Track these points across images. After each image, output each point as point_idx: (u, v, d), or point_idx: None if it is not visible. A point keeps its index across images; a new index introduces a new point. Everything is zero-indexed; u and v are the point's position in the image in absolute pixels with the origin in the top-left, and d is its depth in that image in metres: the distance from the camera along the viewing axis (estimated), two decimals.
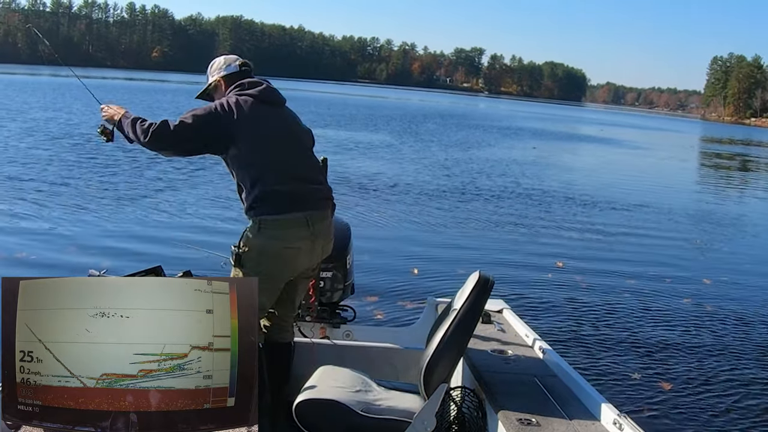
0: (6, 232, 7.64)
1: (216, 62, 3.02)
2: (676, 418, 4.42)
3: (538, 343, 3.08)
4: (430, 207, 11.37)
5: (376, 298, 6.20)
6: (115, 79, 58.96)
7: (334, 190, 3.04)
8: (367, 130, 27.32)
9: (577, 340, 5.64)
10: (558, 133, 37.51)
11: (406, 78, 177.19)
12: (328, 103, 47.11)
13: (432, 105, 64.86)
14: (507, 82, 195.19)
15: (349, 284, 3.66)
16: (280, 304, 2.99)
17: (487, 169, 17.20)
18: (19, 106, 24.94)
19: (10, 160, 12.68)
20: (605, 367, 5.13)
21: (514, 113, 62.51)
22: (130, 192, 10.54)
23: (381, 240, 8.66)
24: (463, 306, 2.47)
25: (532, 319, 6.00)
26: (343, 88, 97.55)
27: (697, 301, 7.09)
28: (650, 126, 68.73)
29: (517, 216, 11.25)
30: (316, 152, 3.09)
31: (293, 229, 2.76)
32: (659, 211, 13.09)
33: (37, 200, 9.35)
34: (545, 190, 14.31)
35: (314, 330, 3.49)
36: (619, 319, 6.34)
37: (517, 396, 2.50)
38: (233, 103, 2.79)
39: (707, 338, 6.00)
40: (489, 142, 26.76)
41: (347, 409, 2.45)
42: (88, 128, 17.94)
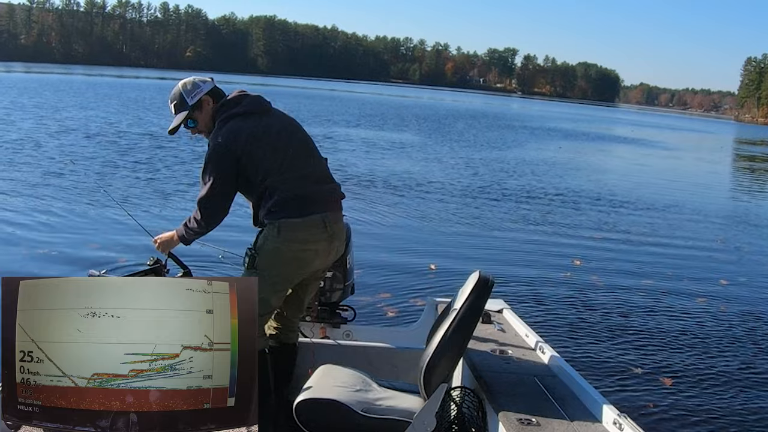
0: (57, 229, 7.80)
1: (187, 85, 2.91)
2: (676, 418, 4.42)
3: (538, 343, 3.08)
4: (449, 205, 11.48)
5: (388, 294, 6.25)
6: (149, 79, 59.00)
7: (357, 189, 3.03)
8: (398, 129, 27.43)
9: (578, 340, 5.64)
10: (588, 134, 37.28)
11: (440, 78, 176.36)
12: (361, 103, 47.21)
13: (465, 105, 64.39)
14: (540, 82, 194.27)
15: (349, 284, 3.66)
16: (290, 305, 2.99)
17: (511, 169, 17.21)
18: (54, 104, 25.52)
19: (48, 157, 12.95)
20: (606, 366, 5.13)
21: (547, 114, 62.18)
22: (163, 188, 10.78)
23: (397, 238, 8.76)
24: (463, 306, 2.47)
25: (545, 319, 6.03)
26: (377, 88, 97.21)
27: (710, 303, 7.07)
28: (682, 127, 68.29)
29: (535, 214, 11.32)
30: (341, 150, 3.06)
31: (312, 231, 2.77)
32: (682, 212, 13.04)
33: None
34: (567, 190, 14.32)
35: (314, 330, 3.49)
36: (626, 319, 6.33)
37: (517, 396, 2.50)
38: (228, 136, 2.76)
39: (713, 337, 6.00)
40: (518, 142, 26.62)
41: (347, 409, 2.45)
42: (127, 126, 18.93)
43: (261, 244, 2.77)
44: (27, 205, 8.98)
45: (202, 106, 2.88)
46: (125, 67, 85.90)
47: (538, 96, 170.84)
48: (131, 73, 55.52)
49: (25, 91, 32.19)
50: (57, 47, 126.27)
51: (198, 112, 2.89)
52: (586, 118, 61.00)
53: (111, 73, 56.05)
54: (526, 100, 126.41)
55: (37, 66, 72.90)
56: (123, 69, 77.36)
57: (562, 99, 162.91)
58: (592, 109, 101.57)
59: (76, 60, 22.98)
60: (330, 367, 2.77)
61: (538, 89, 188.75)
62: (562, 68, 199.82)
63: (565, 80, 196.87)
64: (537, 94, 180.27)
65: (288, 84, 74.69)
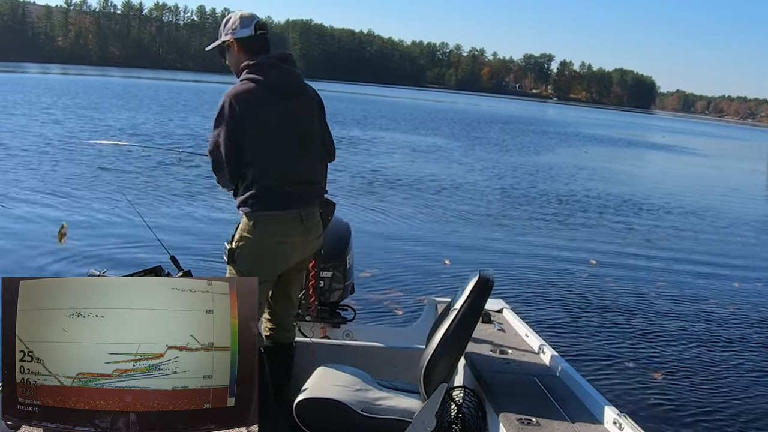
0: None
1: (231, 19, 2.83)
2: (676, 418, 4.42)
3: (538, 342, 3.08)
4: (468, 206, 11.62)
5: (389, 294, 6.27)
6: (185, 81, 59.10)
7: (381, 191, 3.02)
8: (432, 134, 27.64)
9: (578, 339, 5.65)
10: (618, 140, 37.22)
11: (475, 83, 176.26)
12: (397, 107, 47.59)
13: (500, 111, 64.30)
14: (576, 88, 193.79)
15: (348, 284, 3.66)
16: (277, 300, 2.98)
17: (538, 172, 17.34)
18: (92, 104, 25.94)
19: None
20: (606, 366, 5.13)
21: (582, 120, 62.07)
22: None
23: (412, 238, 8.82)
24: (463, 306, 2.46)
25: (545, 318, 6.03)
26: (413, 93, 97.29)
27: (722, 304, 7.06)
28: (717, 134, 67.73)
29: (552, 216, 11.44)
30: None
31: (288, 225, 2.77)
32: (703, 217, 13.03)
33: None
34: (583, 193, 14.41)
35: (314, 330, 3.49)
36: (629, 320, 6.34)
37: (517, 396, 2.49)
38: (238, 103, 2.69)
39: (713, 341, 5.98)
40: (548, 147, 26.66)
41: (347, 409, 2.45)
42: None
43: (239, 238, 2.76)
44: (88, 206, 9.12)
45: (230, 47, 2.82)
46: (161, 70, 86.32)
47: (574, 102, 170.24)
48: (167, 76, 55.88)
49: (66, 92, 32.60)
50: (93, 49, 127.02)
51: (227, 51, 2.85)
52: (620, 125, 60.77)
53: (148, 75, 56.34)
54: (562, 106, 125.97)
55: (74, 68, 73.21)
56: (159, 71, 77.71)
57: (597, 105, 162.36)
58: (627, 116, 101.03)
59: (112, 62, 23.23)
60: (330, 367, 2.77)
61: (573, 95, 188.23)
62: (598, 74, 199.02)
63: (601, 86, 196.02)
64: (573, 100, 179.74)
65: (324, 88, 73.48)
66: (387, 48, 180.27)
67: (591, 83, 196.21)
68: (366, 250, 7.46)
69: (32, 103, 24.93)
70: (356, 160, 16.16)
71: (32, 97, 27.87)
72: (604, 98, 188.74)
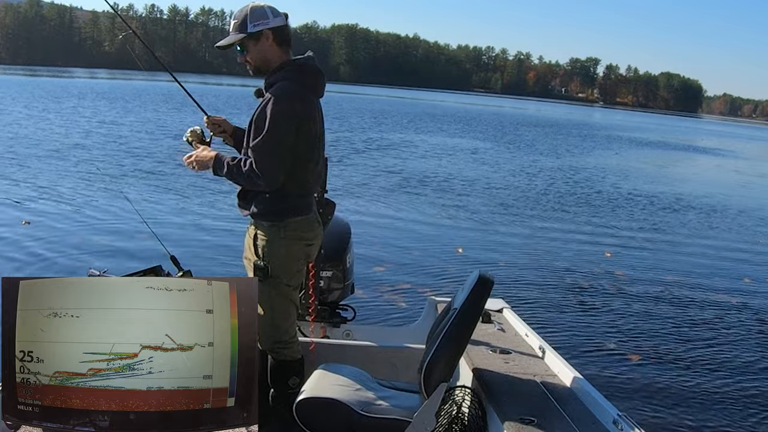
0: None
1: (255, 11, 2.60)
2: (676, 417, 4.42)
3: (538, 342, 3.08)
4: (478, 204, 11.72)
5: (400, 292, 6.28)
6: (231, 86, 59.18)
7: (406, 193, 3.01)
8: (477, 137, 27.69)
9: (578, 339, 5.64)
10: (660, 143, 36.90)
11: (521, 88, 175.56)
12: (443, 110, 47.51)
13: (547, 115, 64.06)
14: (622, 92, 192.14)
15: (348, 284, 3.66)
16: None
17: (565, 175, 17.32)
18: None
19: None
20: (606, 365, 5.13)
21: (627, 124, 61.51)
22: None
23: (412, 238, 8.84)
24: (463, 305, 2.46)
25: (546, 318, 6.02)
26: (459, 97, 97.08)
27: (735, 309, 7.00)
28: (762, 137, 66.58)
29: (562, 212, 11.56)
30: None
31: (313, 226, 2.80)
32: (726, 216, 12.96)
33: None
34: (607, 193, 14.45)
35: (314, 330, 3.49)
36: (632, 320, 6.32)
37: (517, 396, 2.49)
38: (303, 105, 2.59)
39: (715, 340, 5.97)
40: (586, 150, 26.55)
41: (347, 408, 2.45)
42: None
43: (269, 252, 2.65)
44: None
45: (260, 38, 2.61)
46: (207, 75, 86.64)
47: (620, 106, 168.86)
48: (214, 80, 56.00)
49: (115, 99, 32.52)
50: (140, 54, 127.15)
51: (253, 43, 2.62)
52: (663, 128, 60.16)
53: (194, 80, 56.45)
54: (608, 110, 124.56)
55: (121, 72, 73.49)
56: (206, 76, 77.95)
57: (644, 109, 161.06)
58: (673, 120, 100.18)
59: (159, 67, 23.07)
60: (330, 367, 2.77)
61: (620, 99, 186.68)
62: (645, 78, 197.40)
63: (647, 90, 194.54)
64: (619, 104, 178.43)
65: (370, 92, 75.06)
66: (432, 52, 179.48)
67: (637, 87, 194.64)
68: (366, 250, 7.46)
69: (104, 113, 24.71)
70: (389, 161, 16.61)
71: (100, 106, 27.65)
72: (650, 102, 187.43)
